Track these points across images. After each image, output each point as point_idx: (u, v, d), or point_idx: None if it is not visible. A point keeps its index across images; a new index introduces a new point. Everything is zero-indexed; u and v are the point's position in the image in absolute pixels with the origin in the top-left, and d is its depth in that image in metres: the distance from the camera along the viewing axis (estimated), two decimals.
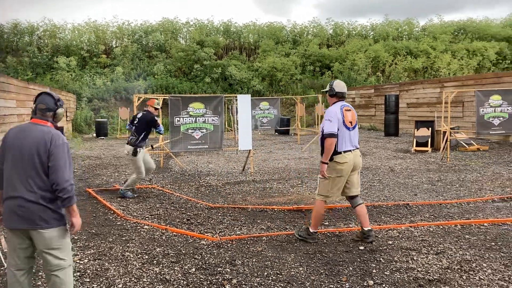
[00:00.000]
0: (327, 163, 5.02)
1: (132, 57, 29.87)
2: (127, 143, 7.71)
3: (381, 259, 4.59)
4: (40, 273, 4.17)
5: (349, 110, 5.18)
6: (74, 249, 4.92)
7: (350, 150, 5.07)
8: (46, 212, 2.99)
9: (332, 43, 34.40)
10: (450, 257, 4.60)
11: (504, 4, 61.75)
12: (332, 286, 3.95)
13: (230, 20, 34.55)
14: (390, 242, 5.12)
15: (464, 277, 4.07)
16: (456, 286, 3.89)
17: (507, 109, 12.08)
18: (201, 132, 10.08)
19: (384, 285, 3.93)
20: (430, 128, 14.14)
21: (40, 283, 4.06)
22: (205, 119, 10.09)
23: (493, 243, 5.01)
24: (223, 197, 7.85)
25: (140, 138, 7.57)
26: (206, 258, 4.68)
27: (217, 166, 11.49)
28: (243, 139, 10.10)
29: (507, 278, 4.03)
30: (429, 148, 13.80)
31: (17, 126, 3.17)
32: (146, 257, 4.76)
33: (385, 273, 4.22)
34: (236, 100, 11.27)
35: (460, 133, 14.26)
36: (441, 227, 5.70)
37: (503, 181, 8.72)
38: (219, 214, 6.57)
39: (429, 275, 4.13)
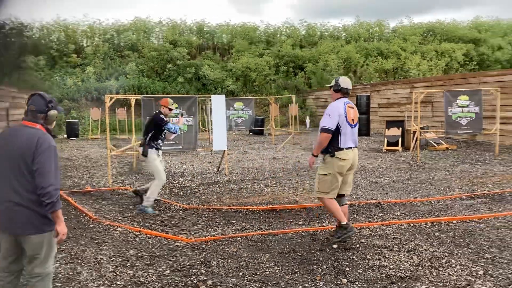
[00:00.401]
0: (316, 156, 5.05)
1: (103, 56, 29.38)
2: (139, 145, 7.30)
3: (354, 257, 4.67)
4: None
5: (352, 107, 5.17)
6: None
7: (351, 148, 5.05)
8: (34, 217, 2.95)
9: (305, 44, 34.67)
10: (420, 254, 4.72)
11: (470, 7, 63.59)
12: (306, 285, 4.00)
13: (203, 20, 34.43)
14: (363, 240, 5.21)
15: (434, 274, 4.19)
16: (427, 282, 4.00)
17: (474, 109, 12.44)
18: None
19: (357, 283, 4.00)
20: (400, 128, 14.43)
21: None
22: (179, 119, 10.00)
23: (461, 240, 5.17)
24: (197, 198, 7.83)
25: (147, 139, 7.06)
26: (180, 260, 4.67)
27: (191, 167, 11.43)
28: (217, 139, 10.08)
29: (474, 273, 4.16)
30: (399, 148, 14.08)
31: (8, 127, 3.16)
32: (120, 259, 4.70)
33: (358, 271, 4.29)
34: (210, 100, 11.24)
35: (429, 132, 14.59)
36: (412, 225, 5.83)
37: (470, 179, 8.99)
38: (194, 215, 6.54)
39: (401, 272, 4.22)
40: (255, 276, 4.22)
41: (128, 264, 4.58)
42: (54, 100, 3.22)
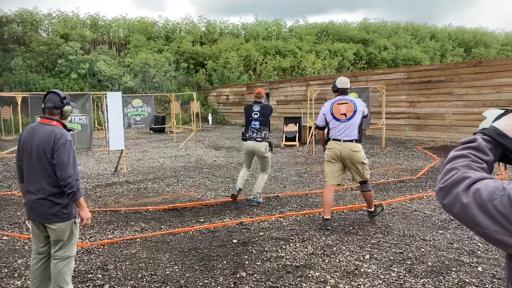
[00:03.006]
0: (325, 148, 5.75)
1: None
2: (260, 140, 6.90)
3: (253, 250, 4.80)
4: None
5: (344, 103, 5.55)
6: None
7: (339, 140, 5.46)
8: (55, 208, 3.26)
9: (205, 40, 34.67)
10: (314, 243, 5.00)
11: (363, 9, 68.26)
12: (206, 281, 4.04)
13: (97, 13, 32.88)
14: (262, 234, 5.38)
15: (327, 261, 4.46)
16: (320, 269, 4.25)
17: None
18: None
19: (255, 275, 4.13)
20: (297, 124, 15.07)
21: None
22: (71, 118, 9.47)
23: (351, 228, 5.56)
24: (93, 200, 7.48)
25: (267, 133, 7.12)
26: (75, 266, 4.43)
27: (86, 168, 10.89)
28: (114, 138, 9.71)
29: (361, 258, 4.51)
30: (297, 143, 14.71)
31: (28, 126, 3.42)
32: (6, 270, 4.36)
33: (257, 263, 4.43)
34: (106, 97, 10.78)
35: None
36: (307, 216, 6.15)
37: None
38: None
39: (296, 262, 4.44)
40: (155, 276, 4.16)
41: (16, 274, 4.26)
42: (68, 96, 3.46)
